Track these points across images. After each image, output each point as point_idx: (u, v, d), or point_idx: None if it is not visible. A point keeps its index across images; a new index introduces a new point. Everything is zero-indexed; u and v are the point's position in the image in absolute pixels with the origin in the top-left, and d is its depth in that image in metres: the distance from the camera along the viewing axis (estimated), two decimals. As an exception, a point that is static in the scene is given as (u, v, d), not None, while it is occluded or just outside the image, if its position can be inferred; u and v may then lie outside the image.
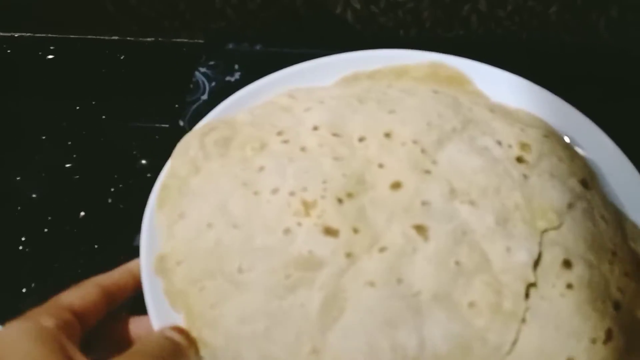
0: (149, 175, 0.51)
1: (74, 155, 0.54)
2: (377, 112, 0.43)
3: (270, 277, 0.35)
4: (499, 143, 0.41)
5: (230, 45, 0.57)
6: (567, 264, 0.35)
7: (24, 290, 0.45)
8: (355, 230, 0.36)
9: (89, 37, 0.65)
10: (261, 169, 0.39)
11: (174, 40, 0.65)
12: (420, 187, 0.38)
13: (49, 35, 0.65)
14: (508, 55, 0.50)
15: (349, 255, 0.35)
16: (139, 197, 0.41)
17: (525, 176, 0.39)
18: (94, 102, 0.58)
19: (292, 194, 0.37)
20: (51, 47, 0.64)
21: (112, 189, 0.51)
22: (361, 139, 0.41)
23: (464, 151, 0.40)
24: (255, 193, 0.38)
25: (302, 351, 0.33)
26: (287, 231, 0.36)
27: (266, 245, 0.36)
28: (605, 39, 0.60)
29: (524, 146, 0.41)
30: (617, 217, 0.40)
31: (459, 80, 0.47)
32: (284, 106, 0.44)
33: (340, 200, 0.37)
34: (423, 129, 0.41)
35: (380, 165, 0.39)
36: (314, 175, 0.38)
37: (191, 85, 0.49)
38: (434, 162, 0.39)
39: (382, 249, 0.36)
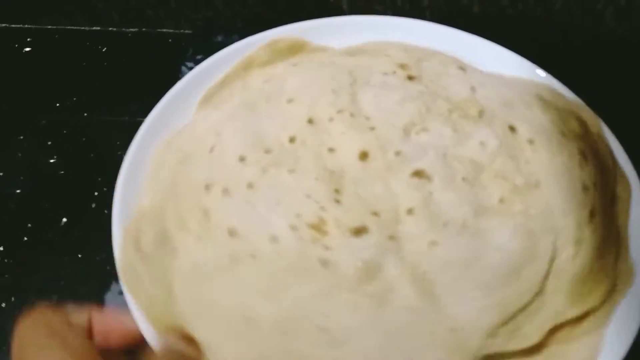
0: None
1: (55, 157, 0.51)
2: (277, 108, 0.42)
3: (358, 310, 0.32)
4: (386, 74, 0.44)
5: (219, 38, 0.54)
6: (512, 128, 0.40)
7: (3, 305, 0.42)
8: (375, 214, 0.36)
9: (68, 27, 0.61)
10: (232, 232, 0.35)
11: (159, 30, 0.61)
12: (381, 143, 0.39)
13: (26, 26, 0.61)
14: (510, 43, 0.49)
15: (391, 237, 0.35)
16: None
17: (426, 86, 0.43)
18: (75, 98, 0.55)
19: (293, 228, 0.34)
20: (28, 39, 0.60)
21: (96, 193, 0.48)
22: (291, 140, 0.39)
23: (377, 94, 0.42)
24: (253, 256, 0.34)
25: (443, 336, 0.32)
26: (324, 263, 0.33)
27: (321, 291, 0.32)
28: (612, 28, 0.58)
29: (402, 66, 0.44)
30: (501, 79, 0.45)
31: (299, 46, 0.48)
32: (180, 160, 0.39)
33: (337, 201, 0.36)
34: (333, 97, 0.42)
35: (331, 150, 0.39)
36: (291, 197, 0.36)
37: (178, 83, 0.46)
38: (368, 118, 0.40)
39: (409, 211, 0.36)
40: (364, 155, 0.38)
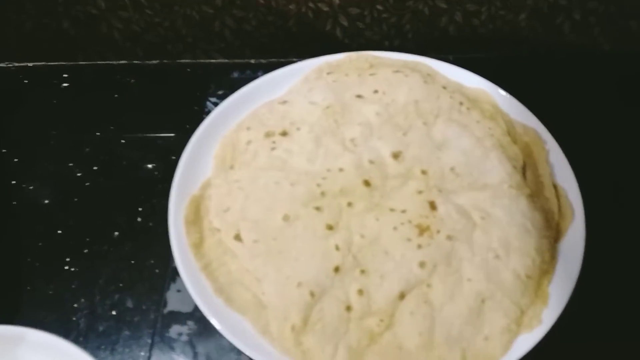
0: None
1: (101, 179, 0.60)
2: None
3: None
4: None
5: (235, 74, 0.63)
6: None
7: (75, 305, 0.52)
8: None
9: (99, 62, 0.70)
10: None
11: (178, 61, 0.70)
12: None
13: (61, 63, 0.70)
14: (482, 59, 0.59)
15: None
16: (164, 214, 0.48)
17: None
18: (112, 127, 0.64)
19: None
20: (64, 75, 0.69)
21: (140, 209, 0.57)
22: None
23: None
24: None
25: None
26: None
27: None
28: (570, 39, 0.67)
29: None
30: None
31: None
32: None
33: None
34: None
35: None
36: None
37: (204, 116, 0.55)
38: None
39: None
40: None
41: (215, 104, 0.55)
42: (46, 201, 0.58)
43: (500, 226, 0.44)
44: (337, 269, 0.42)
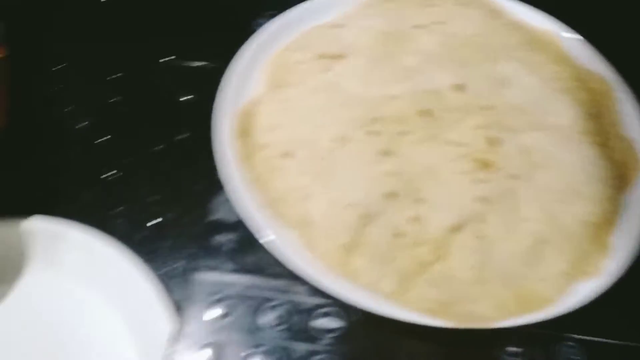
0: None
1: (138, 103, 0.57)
2: None
3: None
4: None
5: (289, -7, 0.60)
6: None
7: (114, 211, 0.50)
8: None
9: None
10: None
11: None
12: None
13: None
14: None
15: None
16: (208, 133, 0.45)
17: None
18: (152, 50, 0.60)
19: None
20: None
21: (183, 128, 0.54)
22: None
23: None
24: None
25: None
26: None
27: None
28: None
29: None
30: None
31: None
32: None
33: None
34: None
35: None
36: None
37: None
38: None
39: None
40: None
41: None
42: (84, 123, 0.56)
43: (564, 170, 0.42)
44: (388, 195, 0.40)
